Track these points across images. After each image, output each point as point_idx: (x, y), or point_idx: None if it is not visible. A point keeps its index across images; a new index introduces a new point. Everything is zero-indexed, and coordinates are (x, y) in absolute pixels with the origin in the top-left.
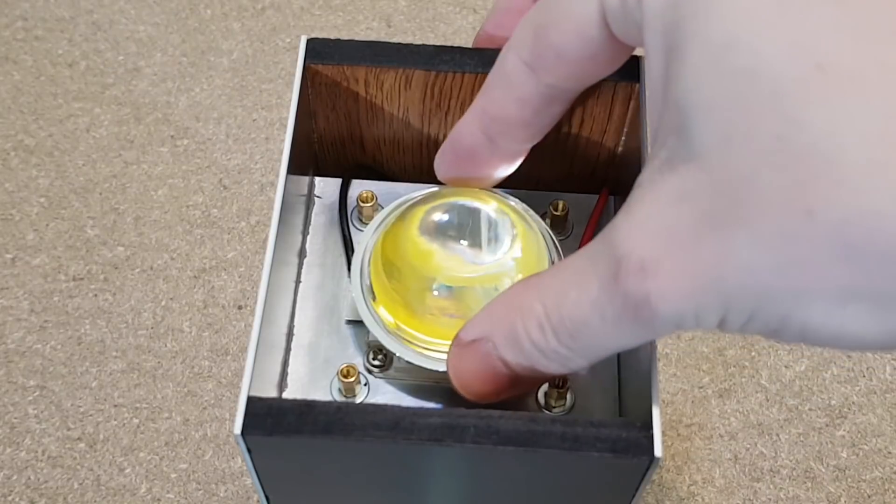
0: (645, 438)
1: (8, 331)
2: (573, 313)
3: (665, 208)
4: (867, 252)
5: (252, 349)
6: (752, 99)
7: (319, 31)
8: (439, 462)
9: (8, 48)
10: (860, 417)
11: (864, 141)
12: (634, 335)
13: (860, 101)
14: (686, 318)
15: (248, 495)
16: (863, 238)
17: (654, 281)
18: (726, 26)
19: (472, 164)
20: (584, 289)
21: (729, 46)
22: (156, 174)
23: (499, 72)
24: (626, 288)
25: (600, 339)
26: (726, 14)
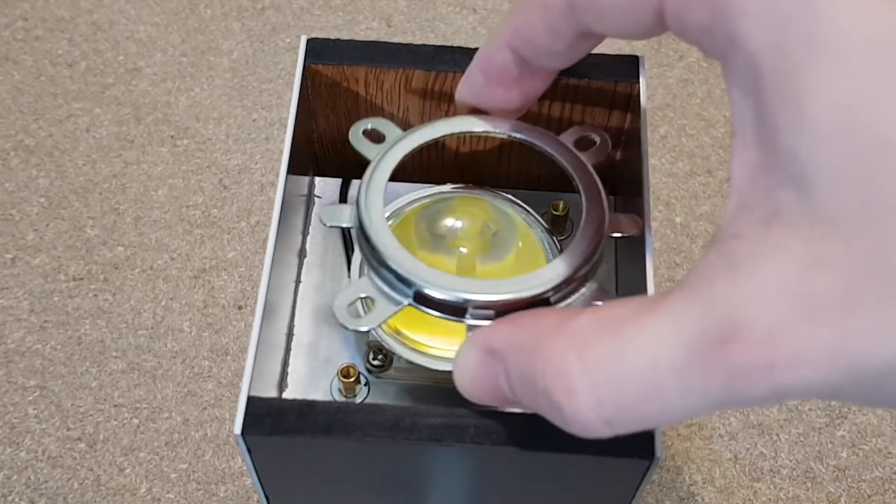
0: (645, 438)
1: (8, 331)
2: (641, 380)
3: (794, 275)
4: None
5: (252, 349)
6: (887, 172)
7: (319, 31)
8: (439, 462)
9: (8, 48)
10: (860, 417)
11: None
12: (712, 407)
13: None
14: (801, 391)
15: (248, 495)
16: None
17: (782, 352)
18: (856, 89)
19: (500, 86)
20: (662, 354)
21: (858, 111)
22: (156, 174)
23: None
24: (738, 357)
25: (665, 412)
26: (855, 76)
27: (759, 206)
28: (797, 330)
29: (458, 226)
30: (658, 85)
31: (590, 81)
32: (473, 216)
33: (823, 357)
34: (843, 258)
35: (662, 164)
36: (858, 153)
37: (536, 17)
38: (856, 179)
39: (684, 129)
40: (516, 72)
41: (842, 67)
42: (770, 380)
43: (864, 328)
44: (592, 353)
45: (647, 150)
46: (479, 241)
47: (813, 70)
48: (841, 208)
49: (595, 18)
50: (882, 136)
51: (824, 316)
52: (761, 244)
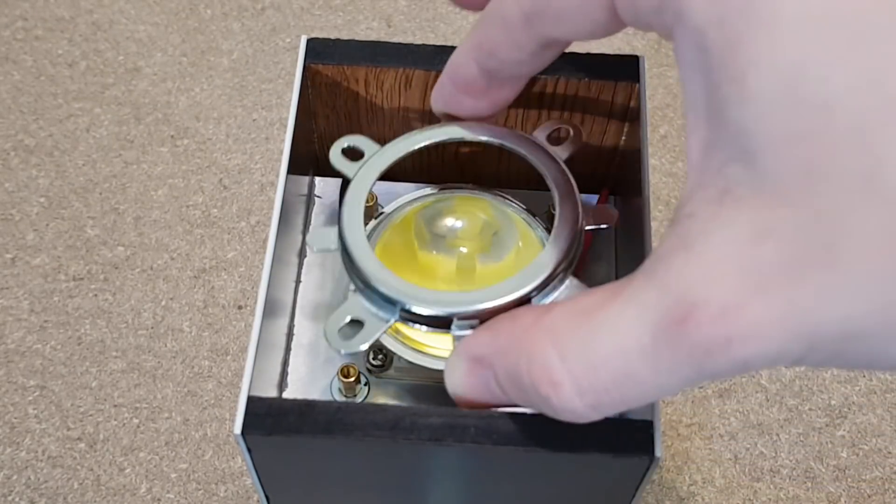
0: (645, 438)
1: (8, 331)
2: (614, 366)
3: (742, 247)
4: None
5: (252, 349)
6: (830, 134)
7: (319, 31)
8: (439, 462)
9: (8, 48)
10: (860, 417)
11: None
12: (685, 383)
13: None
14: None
15: (248, 495)
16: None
17: (737, 325)
18: (794, 52)
19: (469, 96)
20: (629, 338)
21: (797, 75)
22: (156, 174)
23: (496, 10)
24: (698, 335)
25: (642, 392)
26: (792, 39)
27: (712, 184)
28: (749, 302)
29: (458, 226)
30: (658, 85)
31: (590, 81)
32: (473, 216)
33: (777, 327)
34: (788, 226)
35: (662, 164)
36: (801, 118)
37: (497, 31)
38: (800, 145)
39: (684, 129)
40: (484, 83)
41: (779, 33)
42: (729, 354)
43: (812, 295)
44: (568, 344)
45: (647, 150)
46: (479, 241)
47: (752, 39)
48: (786, 176)
49: (552, 25)
50: (823, 98)
51: (773, 286)
52: (712, 221)
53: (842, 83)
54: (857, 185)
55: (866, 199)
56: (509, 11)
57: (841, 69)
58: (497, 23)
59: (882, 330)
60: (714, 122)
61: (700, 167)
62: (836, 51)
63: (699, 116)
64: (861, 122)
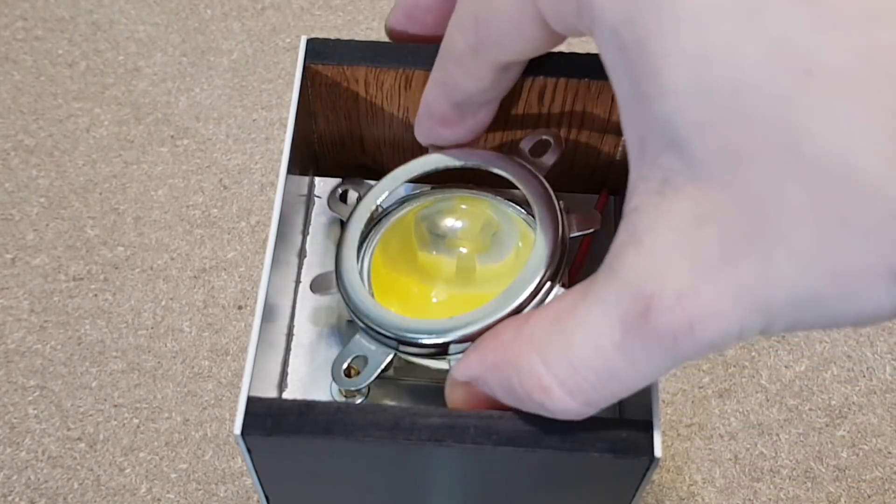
0: (645, 438)
1: (8, 331)
2: (593, 365)
3: (685, 234)
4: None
5: (252, 349)
6: (747, 113)
7: (319, 31)
8: (439, 462)
9: (8, 48)
10: (860, 417)
11: (873, 141)
12: (666, 367)
13: (856, 99)
14: (730, 337)
15: (248, 495)
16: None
17: (694, 310)
18: (698, 40)
19: (446, 129)
20: (602, 336)
21: (706, 61)
22: (156, 174)
23: (448, 48)
24: (661, 325)
25: (627, 383)
26: (694, 27)
27: (651, 177)
28: (699, 287)
29: (458, 226)
30: None
31: (590, 81)
32: (473, 216)
33: (730, 306)
34: (723, 209)
35: None
36: (718, 102)
37: (453, 68)
38: (721, 128)
39: None
40: (456, 115)
41: (684, 23)
42: (694, 337)
43: (755, 271)
44: (549, 350)
45: None
46: (479, 241)
47: (660, 33)
48: (713, 161)
49: (497, 51)
50: (733, 79)
51: (719, 268)
52: (656, 213)
53: (750, 61)
54: (780, 158)
55: (790, 171)
56: (457, 47)
57: (747, 47)
58: (451, 60)
59: (831, 292)
60: (642, 116)
61: (638, 161)
62: (739, 29)
63: (630, 112)
64: (775, 95)
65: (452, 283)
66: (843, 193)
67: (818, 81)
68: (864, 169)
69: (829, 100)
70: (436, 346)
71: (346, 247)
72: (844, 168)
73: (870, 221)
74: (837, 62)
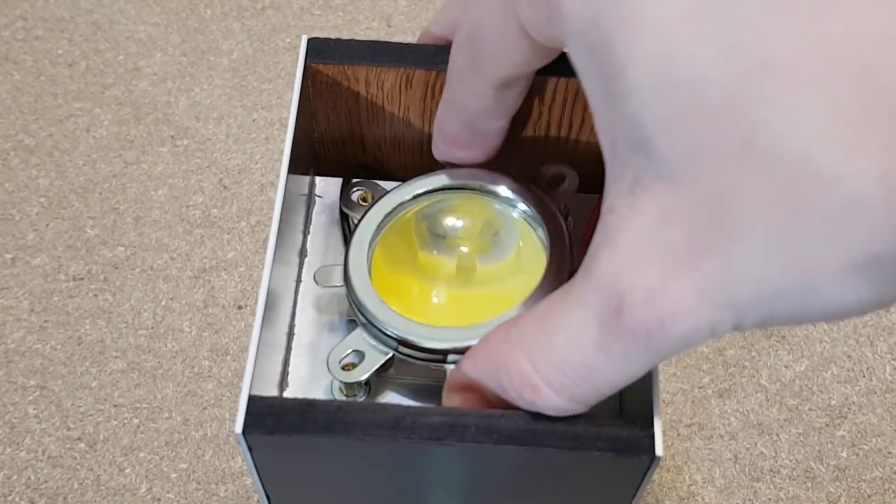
0: (645, 438)
1: (8, 331)
2: (574, 362)
3: (653, 232)
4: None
5: (253, 348)
6: (706, 109)
7: (319, 31)
8: (440, 461)
9: (8, 48)
10: (860, 417)
11: (826, 132)
12: (645, 363)
13: (810, 91)
14: (702, 333)
15: (248, 495)
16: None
17: (664, 307)
18: (659, 39)
19: (458, 149)
20: (581, 335)
21: (667, 59)
22: (156, 174)
23: (452, 69)
24: (634, 321)
25: (608, 379)
26: (654, 26)
27: (623, 177)
28: (668, 284)
29: (459, 225)
30: None
31: None
32: (474, 216)
33: (698, 301)
34: (687, 206)
35: None
36: (679, 100)
37: (457, 87)
38: (683, 126)
39: None
40: (467, 135)
41: (644, 22)
42: (666, 333)
43: (720, 267)
44: (534, 350)
45: None
46: (480, 241)
47: (622, 34)
48: (677, 158)
49: (491, 67)
50: (692, 77)
51: (685, 264)
52: (627, 212)
53: (707, 57)
54: (738, 153)
55: (746, 166)
56: (459, 67)
57: (703, 44)
58: (455, 79)
59: (794, 286)
60: (612, 117)
61: (611, 162)
62: (697, 26)
63: (601, 114)
64: (730, 91)
65: (453, 283)
66: (800, 186)
67: (773, 75)
68: (819, 160)
69: (783, 93)
70: (436, 351)
71: (357, 246)
72: (801, 160)
73: (827, 213)
74: (791, 55)
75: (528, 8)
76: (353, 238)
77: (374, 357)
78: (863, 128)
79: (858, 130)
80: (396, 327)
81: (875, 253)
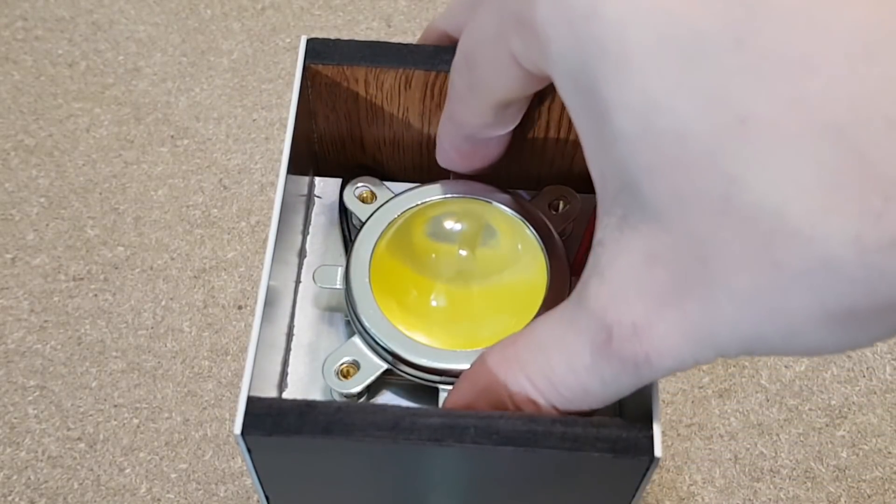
0: (645, 438)
1: (8, 331)
2: (569, 383)
3: (640, 271)
4: (837, 291)
5: (252, 349)
6: (687, 161)
7: (319, 31)
8: (439, 462)
9: (8, 48)
10: (860, 417)
11: (803, 192)
12: (635, 386)
13: (788, 150)
14: (686, 364)
15: (248, 495)
16: (829, 281)
17: (650, 342)
18: (641, 90)
19: (461, 158)
20: (575, 358)
21: (650, 110)
22: (156, 174)
23: (451, 88)
24: (623, 353)
25: (601, 398)
26: (638, 77)
27: (612, 212)
28: (653, 321)
29: (459, 228)
30: None
31: None
32: (474, 219)
33: (680, 340)
34: (670, 249)
35: None
36: (662, 150)
37: (457, 105)
38: (666, 174)
39: None
40: (469, 146)
41: (629, 72)
42: (652, 366)
43: (699, 310)
44: (531, 369)
45: None
46: (479, 244)
47: (608, 82)
48: (661, 204)
49: (489, 90)
50: (675, 128)
51: (668, 305)
52: (615, 247)
53: (687, 110)
54: (717, 206)
55: (726, 219)
56: (457, 87)
57: (684, 96)
58: (454, 98)
59: (770, 332)
60: (601, 155)
61: (602, 195)
62: (679, 78)
63: (592, 150)
64: (710, 145)
65: (452, 286)
66: (777, 242)
67: (751, 131)
68: (796, 219)
69: (761, 150)
70: (434, 370)
71: (360, 250)
72: (777, 218)
73: (803, 268)
74: (769, 112)
75: (520, 42)
76: (354, 244)
77: (369, 368)
78: (838, 190)
79: (834, 192)
80: (393, 340)
81: (851, 307)
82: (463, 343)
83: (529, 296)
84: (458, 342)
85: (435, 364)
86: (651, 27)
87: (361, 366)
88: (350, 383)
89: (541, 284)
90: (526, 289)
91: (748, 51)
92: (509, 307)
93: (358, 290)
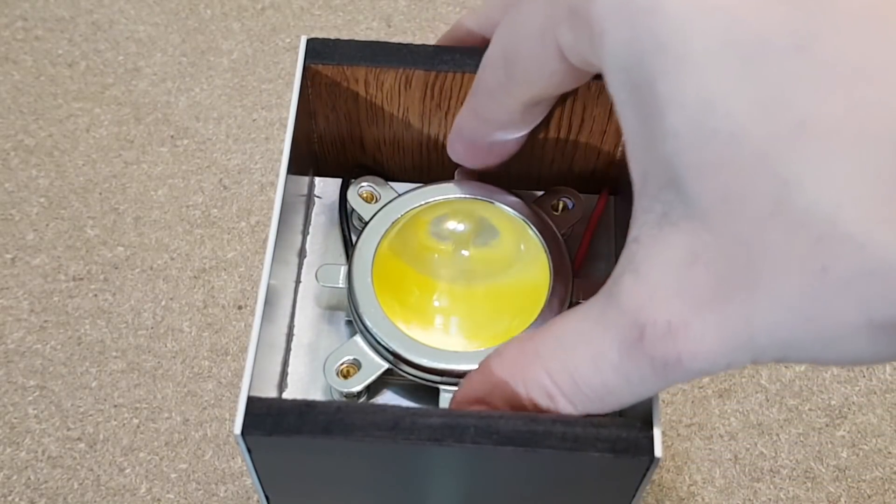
0: (645, 438)
1: (8, 331)
2: (592, 381)
3: (679, 270)
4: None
5: (252, 349)
6: (739, 162)
7: (319, 31)
8: (439, 462)
9: (8, 48)
10: (860, 417)
11: (858, 199)
12: (659, 388)
13: (844, 157)
14: (717, 368)
15: (248, 495)
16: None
17: (684, 343)
18: (699, 89)
19: (475, 154)
20: (601, 356)
21: (705, 110)
22: (156, 174)
23: (481, 83)
24: (654, 352)
25: (622, 399)
26: (696, 75)
27: (652, 209)
28: (690, 322)
29: (461, 228)
30: None
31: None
32: (475, 218)
33: (717, 342)
34: (713, 250)
35: None
36: (714, 150)
37: (485, 100)
38: (716, 175)
39: None
40: (486, 143)
41: (687, 70)
42: (683, 367)
43: (740, 313)
44: (553, 365)
45: None
46: (481, 244)
47: (665, 79)
48: (707, 203)
49: (526, 87)
50: (730, 129)
51: (707, 306)
52: (654, 245)
53: (745, 112)
54: (767, 209)
55: (776, 222)
56: (489, 84)
57: (742, 99)
58: (482, 93)
59: (809, 338)
60: (647, 152)
61: (641, 193)
62: (738, 81)
63: (636, 147)
64: (765, 148)
65: (454, 286)
66: (827, 248)
67: (809, 136)
68: (848, 226)
69: (817, 155)
70: (435, 371)
71: (363, 249)
72: (828, 224)
73: (851, 276)
74: (828, 118)
75: (570, 34)
76: (357, 243)
77: (370, 367)
78: (893, 199)
79: (889, 201)
80: (394, 340)
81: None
82: (465, 343)
83: (532, 296)
84: (459, 343)
85: (436, 364)
86: (713, 27)
87: (362, 365)
88: (351, 382)
89: (543, 285)
90: (528, 289)
91: (809, 56)
92: (511, 308)
93: (360, 289)
